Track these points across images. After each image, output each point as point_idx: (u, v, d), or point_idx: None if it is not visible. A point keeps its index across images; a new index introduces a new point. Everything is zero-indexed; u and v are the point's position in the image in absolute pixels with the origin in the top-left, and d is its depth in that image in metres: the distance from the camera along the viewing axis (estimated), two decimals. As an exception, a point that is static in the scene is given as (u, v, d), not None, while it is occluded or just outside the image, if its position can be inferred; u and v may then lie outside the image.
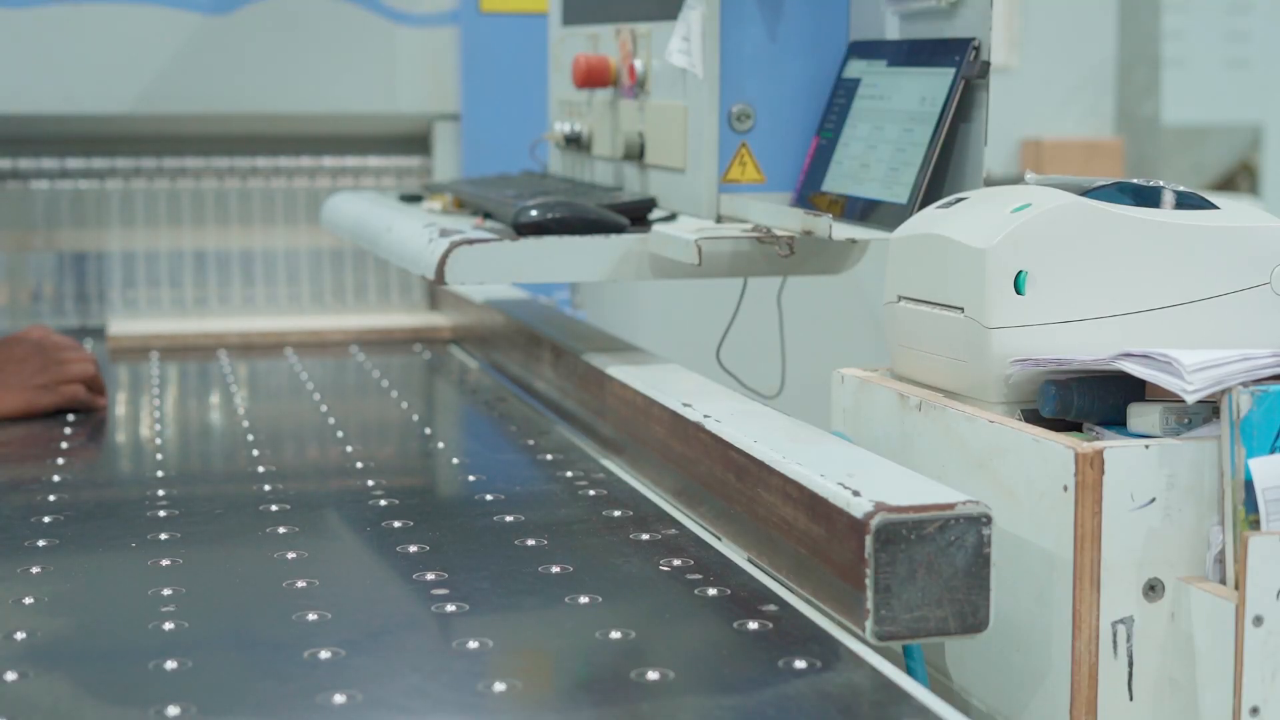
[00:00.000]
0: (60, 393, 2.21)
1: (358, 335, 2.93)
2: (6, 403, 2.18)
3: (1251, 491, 1.33)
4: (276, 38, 2.97)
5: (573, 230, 1.94)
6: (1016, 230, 1.48)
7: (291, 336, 2.90)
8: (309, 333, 2.94)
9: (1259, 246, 1.51)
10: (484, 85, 3.04)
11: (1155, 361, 1.39)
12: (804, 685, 1.20)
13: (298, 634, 1.31)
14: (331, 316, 3.07)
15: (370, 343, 2.85)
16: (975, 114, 1.77)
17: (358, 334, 2.95)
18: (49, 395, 2.20)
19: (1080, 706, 1.35)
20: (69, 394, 2.21)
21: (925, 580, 1.27)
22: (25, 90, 2.88)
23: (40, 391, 2.20)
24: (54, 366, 2.21)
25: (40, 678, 1.22)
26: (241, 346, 2.81)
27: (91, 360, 2.26)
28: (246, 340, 2.87)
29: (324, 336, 2.91)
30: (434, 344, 2.84)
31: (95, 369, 2.26)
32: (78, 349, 2.28)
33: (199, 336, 2.82)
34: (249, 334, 2.91)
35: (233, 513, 1.72)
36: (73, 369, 2.23)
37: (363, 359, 2.69)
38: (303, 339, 2.89)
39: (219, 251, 3.07)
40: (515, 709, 1.16)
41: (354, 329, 3.00)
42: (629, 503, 1.72)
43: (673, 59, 2.00)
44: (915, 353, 1.61)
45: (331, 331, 2.97)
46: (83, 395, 2.23)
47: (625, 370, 1.91)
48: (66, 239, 3.01)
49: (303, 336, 2.91)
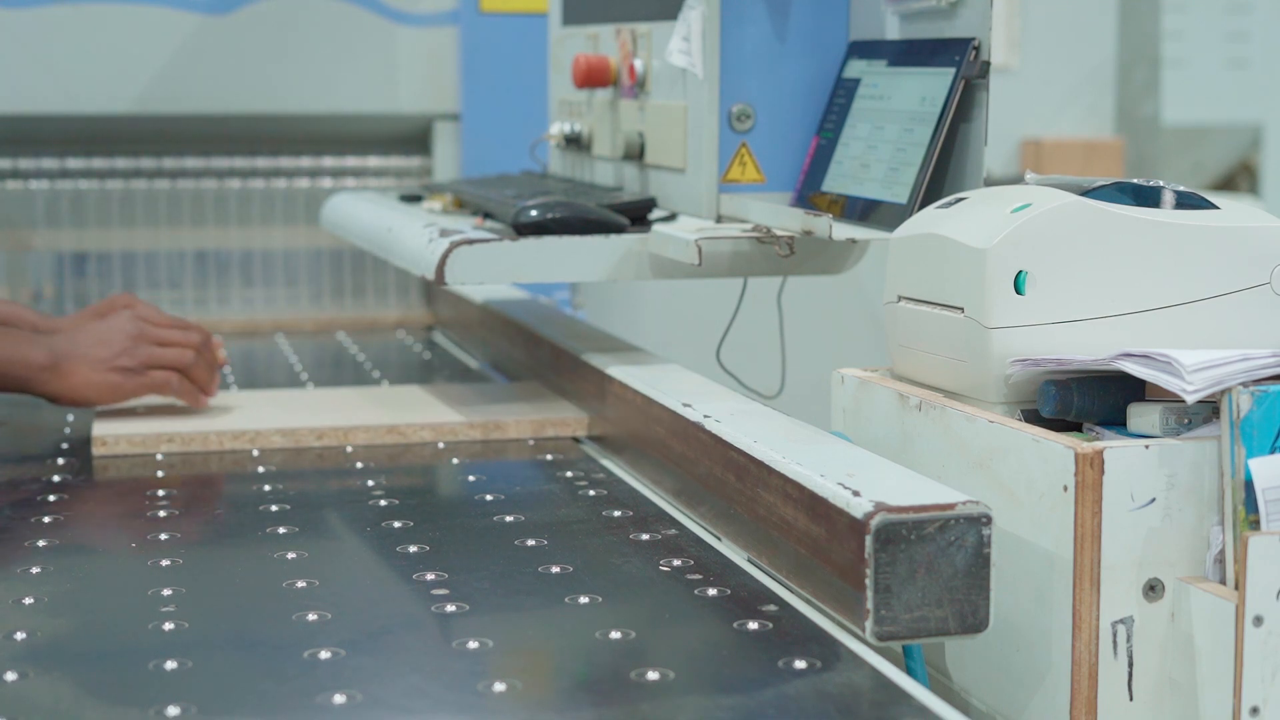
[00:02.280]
0: (149, 378, 1.93)
1: (356, 334, 2.93)
2: (85, 385, 1.91)
3: (1251, 491, 1.33)
4: (276, 38, 2.97)
5: (573, 230, 1.94)
6: (1016, 230, 1.48)
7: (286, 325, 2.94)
8: (305, 327, 2.95)
9: (1259, 246, 1.51)
10: (484, 85, 3.04)
11: (1155, 361, 1.39)
12: (804, 685, 1.20)
13: (298, 634, 1.31)
14: (330, 315, 3.07)
15: (370, 342, 2.85)
16: (975, 114, 1.77)
17: (355, 331, 2.96)
18: (134, 379, 1.93)
19: (1080, 706, 1.35)
20: (158, 381, 1.94)
21: (925, 580, 1.27)
22: (25, 90, 2.88)
23: (125, 375, 1.92)
24: (144, 347, 1.93)
25: (40, 678, 1.22)
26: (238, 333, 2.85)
27: (194, 346, 1.97)
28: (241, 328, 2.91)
29: (319, 332, 2.93)
30: (433, 344, 2.85)
31: (196, 358, 1.97)
32: (183, 328, 1.99)
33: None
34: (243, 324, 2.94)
35: (233, 512, 1.72)
36: (168, 354, 1.94)
37: (362, 359, 2.69)
38: (299, 334, 2.90)
39: (219, 252, 3.08)
40: (515, 709, 1.16)
41: (352, 326, 3.01)
42: (629, 503, 1.72)
43: (673, 59, 2.00)
44: (915, 353, 1.61)
45: (328, 328, 2.98)
46: (175, 385, 1.95)
47: (625, 370, 1.91)
48: (66, 239, 3.01)
49: (300, 333, 2.92)
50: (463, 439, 1.99)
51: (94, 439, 1.92)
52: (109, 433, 1.92)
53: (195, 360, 1.97)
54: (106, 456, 1.91)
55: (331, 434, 1.97)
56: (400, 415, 2.03)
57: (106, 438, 1.92)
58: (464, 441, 1.99)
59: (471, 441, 1.99)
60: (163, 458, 1.90)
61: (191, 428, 1.94)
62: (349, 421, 1.99)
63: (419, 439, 1.99)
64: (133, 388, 1.94)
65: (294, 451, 1.95)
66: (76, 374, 1.91)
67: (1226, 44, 5.65)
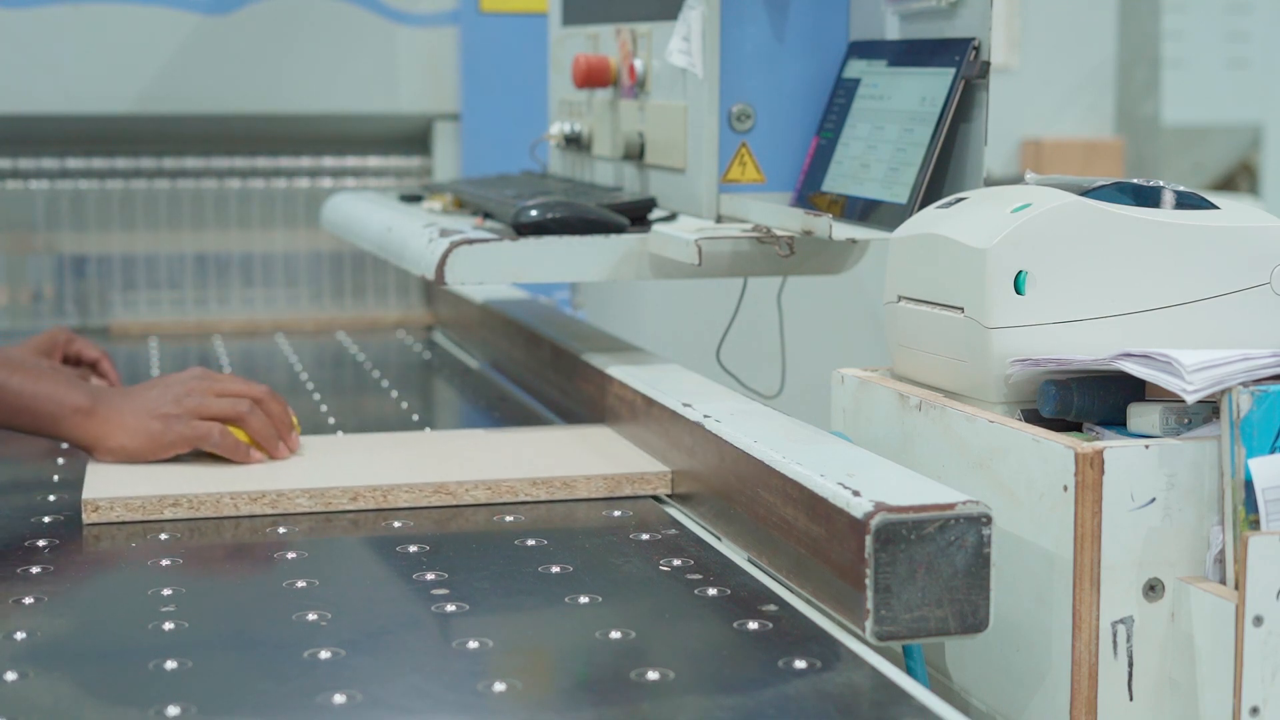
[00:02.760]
0: (191, 427, 1.73)
1: (356, 334, 2.93)
2: (120, 429, 1.73)
3: (1251, 491, 1.33)
4: (276, 38, 2.97)
5: (573, 230, 1.94)
6: (1016, 230, 1.48)
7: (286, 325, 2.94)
8: (305, 327, 2.95)
9: (1259, 246, 1.51)
10: (484, 85, 3.04)
11: (1155, 361, 1.39)
12: (804, 685, 1.20)
13: (298, 634, 1.31)
14: (330, 315, 3.08)
15: (370, 342, 2.85)
16: (975, 114, 1.77)
17: (355, 331, 2.96)
18: (175, 427, 1.73)
19: (1080, 706, 1.35)
20: (199, 432, 1.73)
21: (925, 580, 1.27)
22: (25, 90, 2.88)
23: (165, 421, 1.73)
24: (196, 396, 1.75)
25: (40, 678, 1.22)
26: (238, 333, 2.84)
27: (252, 396, 1.77)
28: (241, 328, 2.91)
29: (319, 332, 2.93)
30: (433, 344, 2.85)
31: (252, 409, 1.76)
32: (240, 384, 1.79)
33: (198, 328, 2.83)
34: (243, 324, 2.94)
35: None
36: (219, 403, 1.75)
37: (362, 359, 2.69)
38: (299, 334, 2.90)
39: (219, 252, 3.08)
40: (515, 709, 1.16)
41: (352, 326, 3.02)
42: (629, 503, 1.72)
43: (673, 59, 2.00)
44: (915, 353, 1.61)
45: (328, 328, 2.98)
46: (216, 438, 1.73)
47: (625, 370, 1.91)
48: (67, 240, 3.01)
49: (300, 333, 2.92)
50: (524, 498, 1.71)
51: (84, 503, 1.62)
52: (102, 495, 1.63)
53: (251, 412, 1.76)
54: (99, 524, 1.62)
55: (367, 494, 1.67)
56: (448, 469, 1.75)
57: (99, 501, 1.63)
58: (525, 503, 1.71)
59: (534, 502, 1.71)
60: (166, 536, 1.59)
61: (200, 488, 1.65)
62: (388, 478, 1.69)
63: (471, 499, 1.70)
64: (171, 437, 1.73)
65: (324, 519, 1.65)
66: (113, 419, 1.74)
67: (1226, 44, 5.65)
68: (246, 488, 1.66)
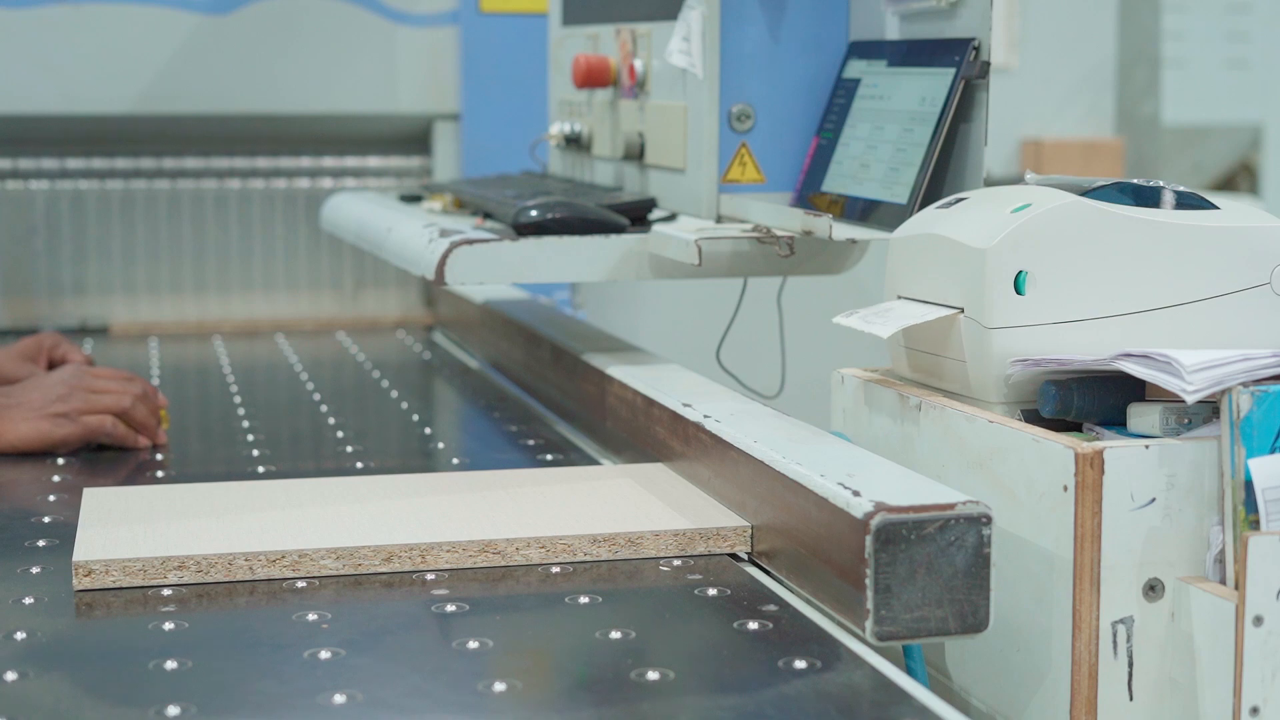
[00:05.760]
0: (81, 424, 1.91)
1: (356, 334, 2.93)
2: (12, 432, 1.89)
3: (1251, 491, 1.33)
4: (276, 38, 2.97)
5: (573, 230, 1.94)
6: (1016, 230, 1.48)
7: (286, 325, 2.93)
8: (305, 327, 2.95)
9: (1259, 246, 1.51)
10: (484, 85, 3.04)
11: (1155, 361, 1.39)
12: (804, 685, 1.20)
13: (298, 634, 1.31)
14: (330, 315, 3.08)
15: (370, 342, 2.85)
16: (975, 114, 1.77)
17: (355, 331, 2.96)
18: (66, 426, 1.90)
19: (1080, 706, 1.35)
20: (91, 426, 1.91)
21: (925, 580, 1.27)
22: (25, 90, 2.88)
23: (56, 420, 1.90)
24: (79, 394, 1.92)
25: (40, 678, 1.22)
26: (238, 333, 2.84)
27: (133, 395, 1.95)
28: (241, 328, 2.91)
29: (319, 332, 2.93)
30: (433, 344, 2.85)
31: (134, 402, 1.94)
32: (121, 379, 1.97)
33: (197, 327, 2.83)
34: (243, 324, 2.94)
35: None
36: (102, 399, 1.92)
37: (362, 358, 2.69)
38: (299, 334, 2.90)
39: (219, 252, 3.08)
40: (515, 709, 1.16)
41: (352, 326, 3.02)
42: (629, 503, 1.71)
43: (673, 59, 2.00)
44: (915, 353, 1.61)
45: (328, 328, 2.98)
46: (108, 428, 1.92)
47: (625, 370, 1.91)
48: (67, 240, 3.01)
49: (300, 333, 2.92)
50: (581, 558, 1.50)
51: (75, 566, 1.41)
52: (96, 557, 1.42)
53: (134, 405, 1.94)
54: (92, 590, 1.41)
55: (403, 554, 1.46)
56: (496, 524, 1.53)
57: (93, 565, 1.42)
58: (584, 562, 1.49)
59: (595, 562, 1.49)
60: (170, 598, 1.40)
61: (211, 548, 1.45)
62: (427, 536, 1.48)
63: (522, 559, 1.49)
64: (64, 434, 1.90)
65: (352, 581, 1.44)
66: (6, 421, 1.89)
67: (1226, 44, 5.65)
68: (263, 547, 1.45)
